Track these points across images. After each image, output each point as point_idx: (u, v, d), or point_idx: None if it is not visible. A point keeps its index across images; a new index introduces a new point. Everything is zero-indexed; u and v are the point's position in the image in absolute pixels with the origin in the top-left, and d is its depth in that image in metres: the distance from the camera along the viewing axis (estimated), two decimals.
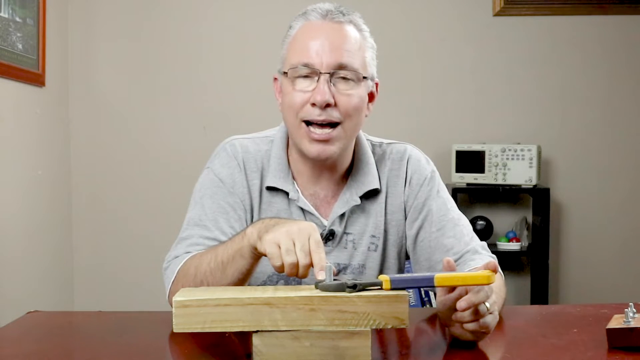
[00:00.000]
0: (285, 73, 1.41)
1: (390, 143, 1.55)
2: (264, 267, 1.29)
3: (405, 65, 3.32)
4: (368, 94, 1.44)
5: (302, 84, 1.38)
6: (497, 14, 3.32)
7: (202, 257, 1.30)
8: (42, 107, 3.00)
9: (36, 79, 2.90)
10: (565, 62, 3.34)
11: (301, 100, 1.38)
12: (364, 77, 1.41)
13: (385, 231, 1.49)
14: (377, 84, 1.48)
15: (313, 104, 1.36)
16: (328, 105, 1.36)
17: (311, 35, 1.39)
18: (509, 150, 3.12)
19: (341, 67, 1.37)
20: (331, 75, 1.37)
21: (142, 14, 3.33)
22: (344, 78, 1.38)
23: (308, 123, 1.38)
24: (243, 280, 1.26)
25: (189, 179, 1.62)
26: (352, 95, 1.38)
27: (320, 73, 1.36)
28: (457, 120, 3.35)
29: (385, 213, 1.49)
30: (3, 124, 2.65)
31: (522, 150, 3.11)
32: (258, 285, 1.41)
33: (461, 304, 1.06)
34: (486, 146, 3.15)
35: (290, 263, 1.11)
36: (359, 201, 1.46)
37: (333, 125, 1.38)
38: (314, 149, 1.38)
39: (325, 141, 1.38)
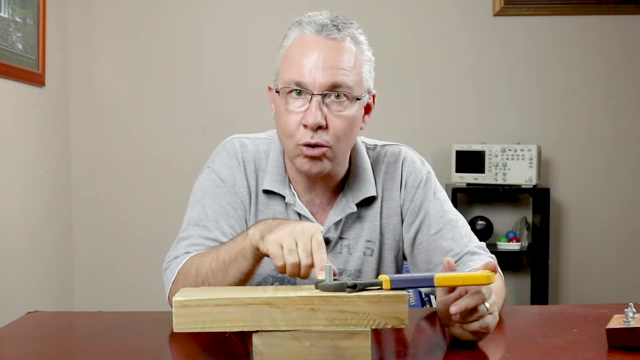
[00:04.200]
0: (277, 92, 1.38)
1: (384, 145, 1.53)
2: (260, 269, 1.29)
3: (405, 65, 3.33)
4: (364, 107, 1.42)
5: (295, 103, 1.35)
6: (497, 14, 3.32)
7: (203, 257, 1.30)
8: (42, 107, 3.00)
9: (36, 79, 2.90)
10: (565, 62, 3.34)
11: (294, 123, 1.35)
12: (358, 99, 1.37)
13: (381, 235, 1.48)
14: (374, 96, 1.45)
15: (305, 125, 1.34)
16: (319, 127, 1.34)
17: (304, 51, 1.34)
18: (509, 150, 3.12)
19: (334, 86, 1.33)
20: (324, 95, 1.33)
21: (143, 14, 3.33)
22: (337, 97, 1.34)
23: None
24: (244, 280, 1.25)
25: (189, 179, 1.62)
26: (343, 117, 1.35)
27: (313, 94, 1.33)
28: (457, 120, 3.35)
29: (381, 217, 1.48)
30: (3, 124, 2.65)
31: (522, 150, 3.11)
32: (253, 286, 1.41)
33: (452, 308, 1.06)
34: (486, 146, 3.15)
35: (292, 263, 1.11)
36: (355, 209, 1.45)
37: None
38: (306, 166, 1.37)
39: (316, 158, 1.36)
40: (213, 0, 3.33)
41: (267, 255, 1.16)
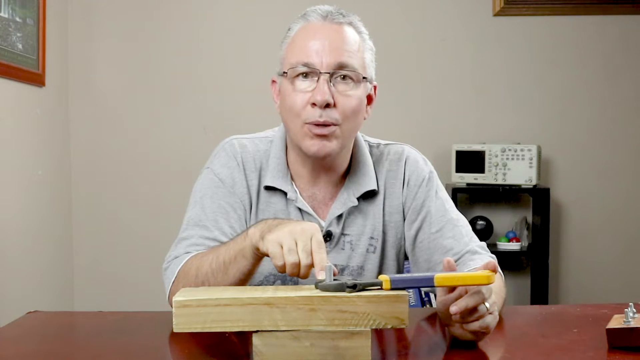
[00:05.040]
0: (284, 73, 1.41)
1: (387, 144, 1.55)
2: (261, 267, 1.29)
3: (405, 65, 3.33)
4: (367, 97, 1.44)
5: (302, 84, 1.38)
6: (497, 14, 3.32)
7: (203, 257, 1.30)
8: (42, 107, 3.00)
9: (36, 79, 2.90)
10: (565, 62, 3.34)
11: (302, 102, 1.37)
12: (364, 78, 1.41)
13: (384, 233, 1.49)
14: (375, 87, 1.48)
15: (313, 104, 1.36)
16: (328, 105, 1.36)
17: (311, 35, 1.39)
18: (509, 150, 3.12)
19: (341, 66, 1.37)
20: (331, 75, 1.37)
21: (142, 14, 3.33)
22: (343, 78, 1.38)
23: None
24: (244, 280, 1.26)
25: (189, 179, 1.62)
26: (351, 96, 1.38)
27: (320, 73, 1.36)
28: (457, 120, 3.35)
29: (384, 214, 1.49)
30: (3, 124, 2.65)
31: (522, 150, 3.11)
32: (255, 285, 1.41)
33: (452, 308, 1.06)
34: (486, 146, 3.15)
35: (292, 263, 1.11)
36: (356, 202, 1.46)
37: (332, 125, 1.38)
38: (313, 146, 1.38)
39: (324, 137, 1.37)
40: (213, 0, 3.33)
41: (267, 255, 1.16)
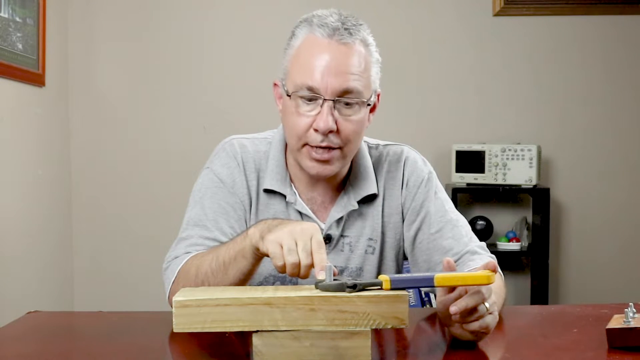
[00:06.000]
0: (288, 96, 1.38)
1: (387, 145, 1.54)
2: (261, 268, 1.29)
3: (405, 66, 3.32)
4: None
5: (305, 107, 1.36)
6: (497, 14, 3.32)
7: (203, 257, 1.30)
8: (42, 107, 3.00)
9: (36, 79, 2.90)
10: (565, 62, 3.34)
11: (304, 125, 1.36)
12: (368, 104, 1.39)
13: (383, 234, 1.48)
14: (378, 95, 1.45)
15: (315, 130, 1.35)
16: (330, 131, 1.35)
17: (316, 55, 1.34)
18: (509, 150, 3.12)
19: (346, 92, 1.34)
20: (335, 101, 1.34)
21: (143, 14, 3.33)
22: (347, 103, 1.35)
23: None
24: (244, 280, 1.26)
25: (189, 179, 1.62)
26: (354, 121, 1.36)
27: (325, 100, 1.34)
28: (457, 120, 3.35)
29: (383, 216, 1.48)
30: (3, 124, 2.65)
31: (522, 150, 3.11)
32: (254, 286, 1.41)
33: (452, 308, 1.06)
34: (486, 146, 3.15)
35: (292, 263, 1.11)
36: (356, 206, 1.46)
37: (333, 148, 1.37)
38: (314, 168, 1.38)
39: (325, 161, 1.37)
40: (213, 1, 3.33)
41: (267, 255, 1.16)
